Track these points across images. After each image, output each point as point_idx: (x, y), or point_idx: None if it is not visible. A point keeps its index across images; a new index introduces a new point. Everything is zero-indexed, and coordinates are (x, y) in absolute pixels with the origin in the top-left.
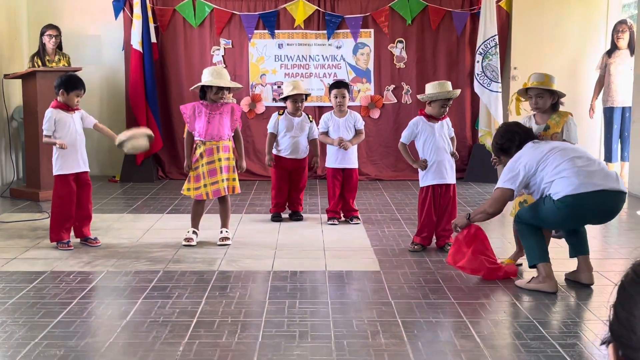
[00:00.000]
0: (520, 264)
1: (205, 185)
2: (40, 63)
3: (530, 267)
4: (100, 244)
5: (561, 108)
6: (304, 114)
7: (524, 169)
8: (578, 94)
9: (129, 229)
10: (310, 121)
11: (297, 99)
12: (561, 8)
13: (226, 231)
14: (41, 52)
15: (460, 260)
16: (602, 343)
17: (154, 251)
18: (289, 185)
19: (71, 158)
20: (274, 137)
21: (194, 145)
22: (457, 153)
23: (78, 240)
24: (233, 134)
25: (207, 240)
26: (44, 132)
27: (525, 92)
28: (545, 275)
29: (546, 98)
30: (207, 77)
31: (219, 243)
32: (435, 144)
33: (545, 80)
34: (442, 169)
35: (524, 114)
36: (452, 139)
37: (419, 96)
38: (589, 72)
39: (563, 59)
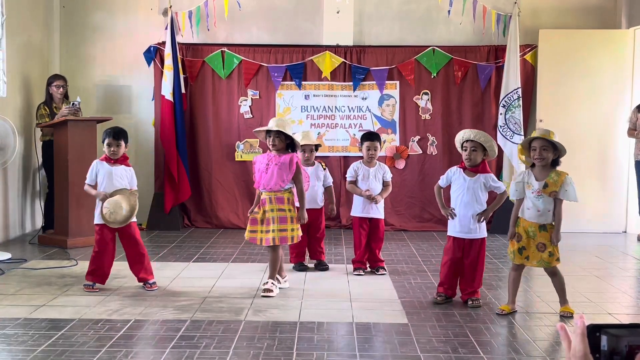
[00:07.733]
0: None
1: (262, 232)
2: (48, 111)
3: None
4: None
5: (561, 166)
6: (316, 162)
7: None
8: (606, 148)
9: (155, 277)
10: (324, 169)
11: (306, 149)
12: (588, 62)
13: (271, 283)
14: (48, 101)
15: None
16: None
17: (181, 300)
18: (306, 235)
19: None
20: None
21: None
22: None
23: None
24: (292, 185)
25: (232, 289)
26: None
27: (528, 144)
28: None
29: (549, 152)
30: (269, 125)
31: (262, 294)
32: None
33: (550, 135)
34: (465, 222)
35: (522, 167)
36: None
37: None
38: (617, 126)
39: (590, 112)
